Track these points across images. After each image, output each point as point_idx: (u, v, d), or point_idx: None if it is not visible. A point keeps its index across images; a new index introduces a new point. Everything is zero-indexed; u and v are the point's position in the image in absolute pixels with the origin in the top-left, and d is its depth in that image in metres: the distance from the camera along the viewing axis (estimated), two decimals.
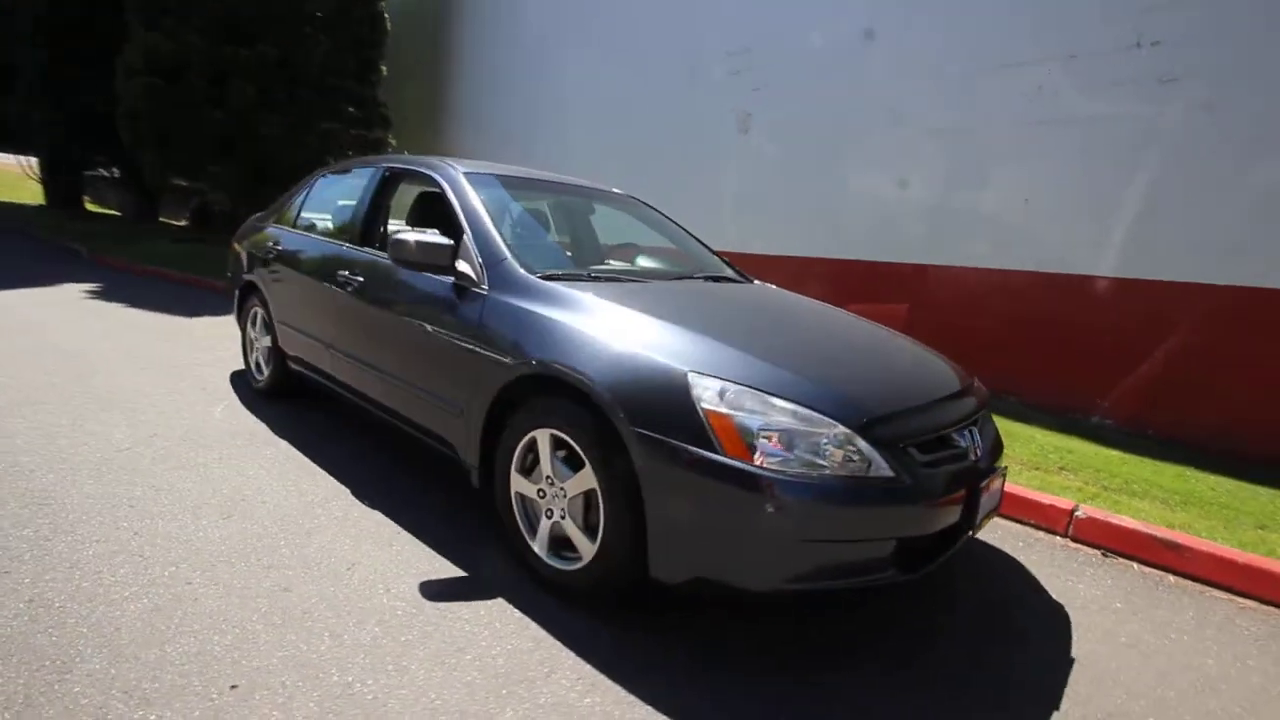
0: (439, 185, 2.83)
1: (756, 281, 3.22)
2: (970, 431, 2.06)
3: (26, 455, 2.76)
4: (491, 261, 2.40)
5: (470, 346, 2.29)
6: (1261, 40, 3.57)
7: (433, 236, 2.42)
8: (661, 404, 1.78)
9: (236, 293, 4.06)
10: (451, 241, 2.43)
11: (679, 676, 1.76)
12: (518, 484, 2.18)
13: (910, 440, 1.83)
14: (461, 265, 2.44)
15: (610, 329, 2.03)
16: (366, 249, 3.00)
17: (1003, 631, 2.13)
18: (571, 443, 1.96)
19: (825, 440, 1.70)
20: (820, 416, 1.73)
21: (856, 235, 5.58)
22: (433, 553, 2.29)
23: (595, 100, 8.61)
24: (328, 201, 3.61)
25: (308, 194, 3.75)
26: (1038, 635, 2.14)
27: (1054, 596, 2.38)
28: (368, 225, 3.12)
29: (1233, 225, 3.73)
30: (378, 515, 2.53)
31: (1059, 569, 2.61)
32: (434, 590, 2.06)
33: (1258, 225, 3.65)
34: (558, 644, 1.85)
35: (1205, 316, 3.87)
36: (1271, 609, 2.42)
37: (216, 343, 5.26)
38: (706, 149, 7.01)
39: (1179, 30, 3.83)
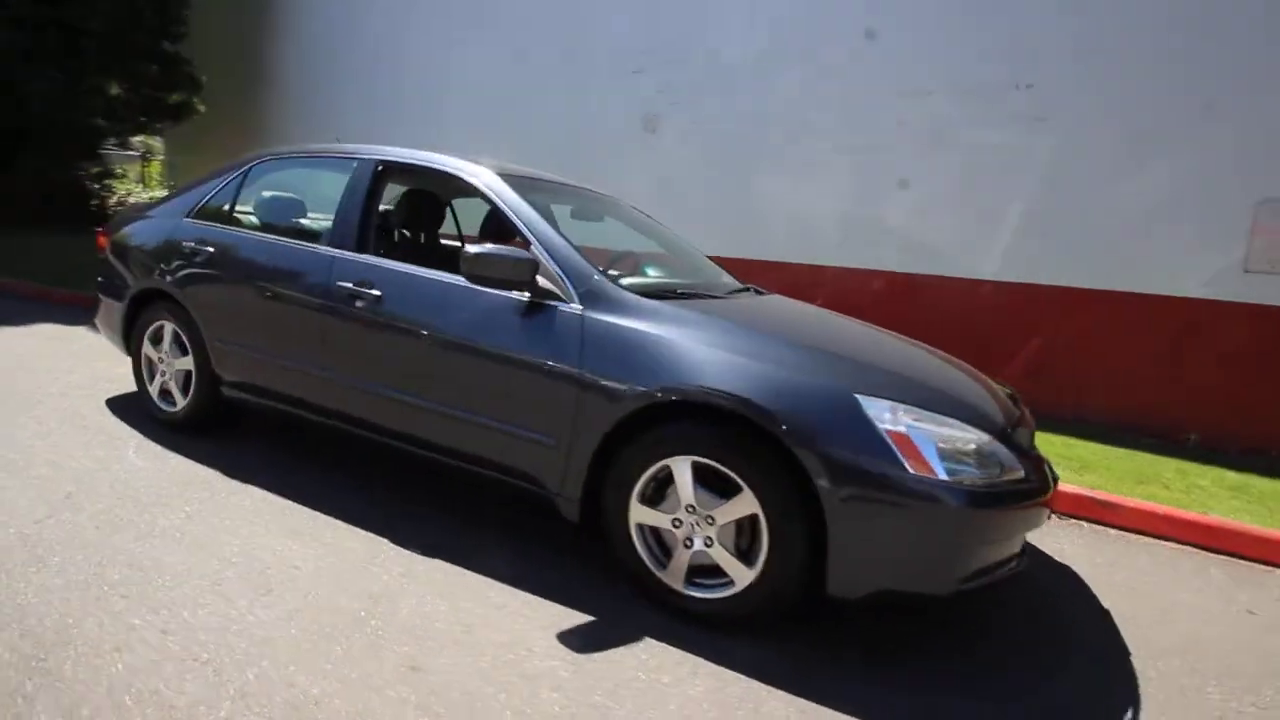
0: (475, 187, 2.54)
1: (770, 294, 3.31)
2: None
3: None
4: (579, 276, 2.22)
5: (569, 371, 2.11)
6: (1115, 88, 4.48)
7: (515, 251, 2.18)
8: (838, 426, 1.82)
9: (123, 304, 3.25)
10: (534, 255, 2.21)
11: (858, 683, 1.82)
12: (640, 515, 2.07)
13: (1018, 444, 2.07)
14: (542, 281, 2.22)
15: (745, 350, 2.00)
16: (379, 259, 2.59)
17: (1040, 595, 2.49)
18: (725, 469, 1.92)
19: (983, 450, 1.87)
20: (974, 429, 1.89)
21: (774, 237, 5.95)
22: (539, 599, 2.09)
23: (472, 85, 8.10)
24: (282, 197, 3.02)
25: (240, 185, 3.10)
26: (1067, 593, 2.54)
27: (1057, 559, 2.84)
28: (363, 229, 2.68)
29: (1087, 238, 4.66)
30: (444, 564, 2.23)
31: (1038, 535, 3.11)
32: (578, 642, 1.89)
33: (1107, 238, 4.59)
34: (742, 676, 1.81)
35: (1063, 312, 4.78)
36: (1188, 547, 3.09)
37: (54, 361, 4.16)
38: (607, 146, 6.97)
39: (1048, 77, 4.65)
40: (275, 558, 2.18)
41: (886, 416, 1.82)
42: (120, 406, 3.49)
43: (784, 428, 1.82)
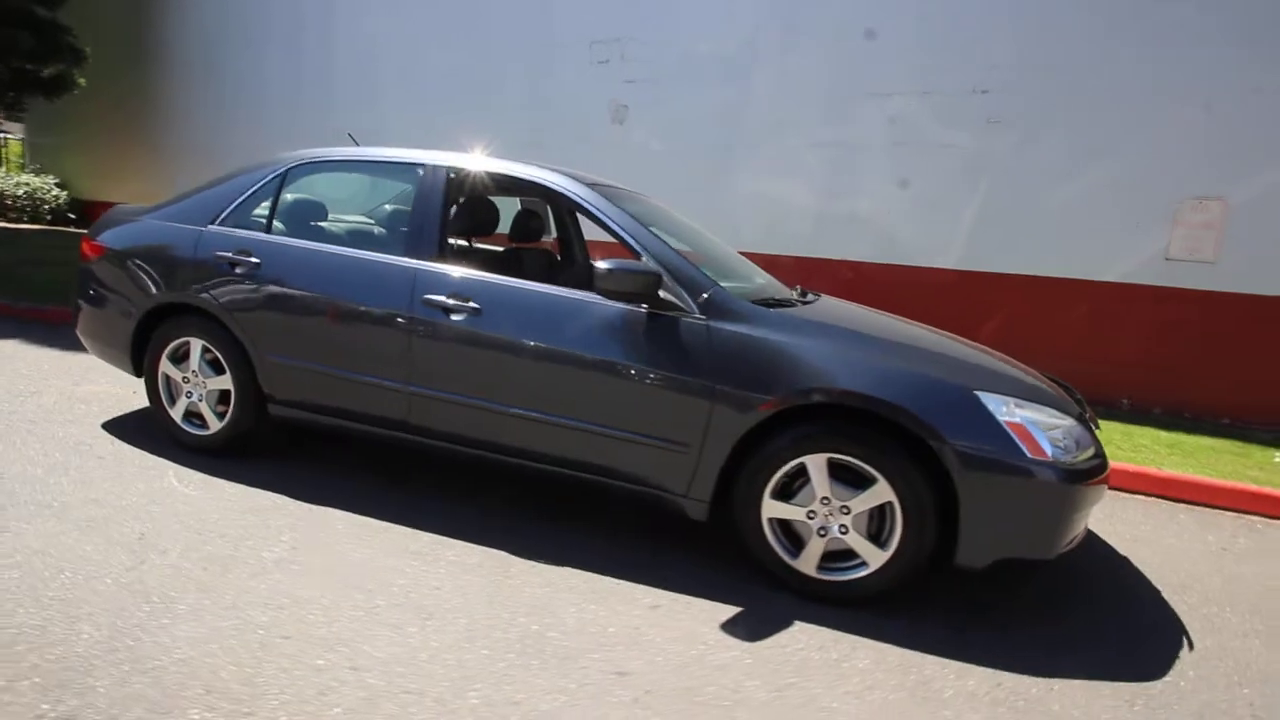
0: (567, 197, 2.56)
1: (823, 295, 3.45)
2: None
3: (22, 629, 1.80)
4: (698, 288, 2.32)
5: (702, 380, 2.22)
6: (1059, 96, 5.05)
7: (644, 265, 2.24)
8: (966, 420, 2.06)
9: (132, 320, 2.96)
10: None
11: (998, 640, 2.09)
12: (772, 510, 2.23)
13: (1089, 426, 2.41)
14: (661, 293, 2.30)
15: (865, 353, 2.21)
16: (470, 270, 2.54)
17: (1098, 557, 2.88)
18: (859, 463, 2.12)
19: (1071, 433, 2.18)
20: (1062, 415, 2.20)
21: (745, 230, 6.21)
22: (684, 596, 2.20)
23: (416, 63, 7.75)
24: (332, 204, 2.86)
25: (279, 190, 2.89)
26: (1089, 542, 2.98)
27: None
28: (442, 239, 2.62)
29: (1035, 230, 5.26)
30: (577, 571, 2.29)
31: None
32: (743, 632, 2.03)
33: (1052, 230, 5.20)
34: (893, 646, 2.02)
35: (1013, 295, 5.38)
36: (1153, 498, 3.63)
37: (7, 383, 3.68)
38: (573, 135, 6.94)
39: (1003, 84, 5.17)
40: (410, 581, 2.15)
41: (1004, 409, 2.08)
42: (123, 430, 3.18)
43: (923, 425, 2.04)
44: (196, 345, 2.89)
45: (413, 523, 2.53)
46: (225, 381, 2.87)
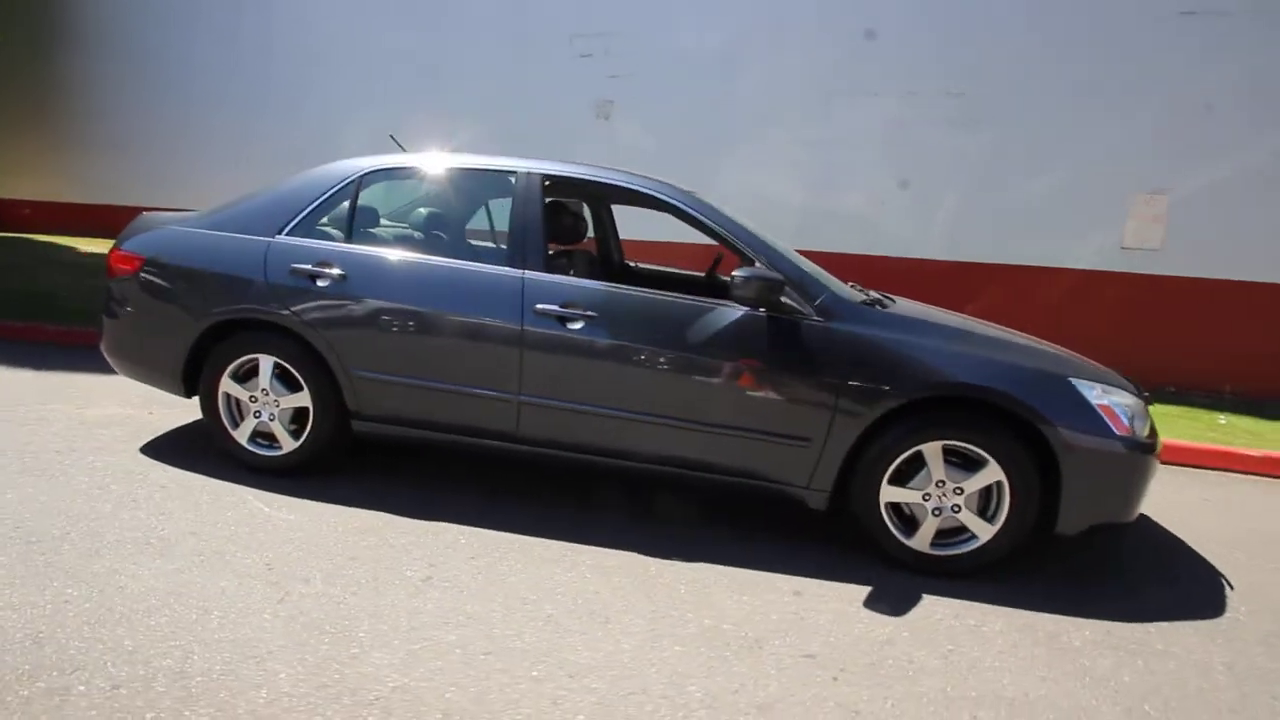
0: (674, 207, 2.64)
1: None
2: None
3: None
4: (813, 292, 2.46)
5: (826, 379, 2.37)
6: (1028, 98, 5.54)
7: (771, 272, 2.36)
8: (1065, 405, 2.32)
9: (187, 338, 2.77)
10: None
11: (1084, 595, 2.37)
12: (890, 495, 2.42)
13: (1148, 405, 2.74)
14: (784, 298, 2.43)
15: (973, 348, 2.45)
16: (579, 279, 2.56)
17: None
18: (971, 448, 2.34)
19: (1139, 411, 2.49)
20: (1131, 395, 2.51)
21: None
22: (816, 580, 2.36)
23: (374, 51, 7.43)
24: (410, 212, 2.78)
25: (355, 198, 2.77)
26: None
27: None
28: (544, 247, 2.62)
29: (1006, 223, 5.75)
30: (717, 566, 2.40)
31: None
32: (887, 608, 2.22)
33: (1021, 223, 5.71)
34: (1025, 611, 2.25)
35: (988, 282, 5.86)
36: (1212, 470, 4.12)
37: (7, 412, 3.33)
38: (556, 131, 6.89)
39: (977, 89, 5.59)
40: (565, 587, 2.19)
41: (1094, 394, 2.36)
42: (166, 455, 2.98)
43: (1034, 411, 2.28)
44: (267, 362, 2.74)
45: (532, 531, 2.55)
46: (301, 399, 2.75)
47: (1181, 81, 5.11)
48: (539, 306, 2.52)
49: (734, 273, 2.36)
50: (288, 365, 2.73)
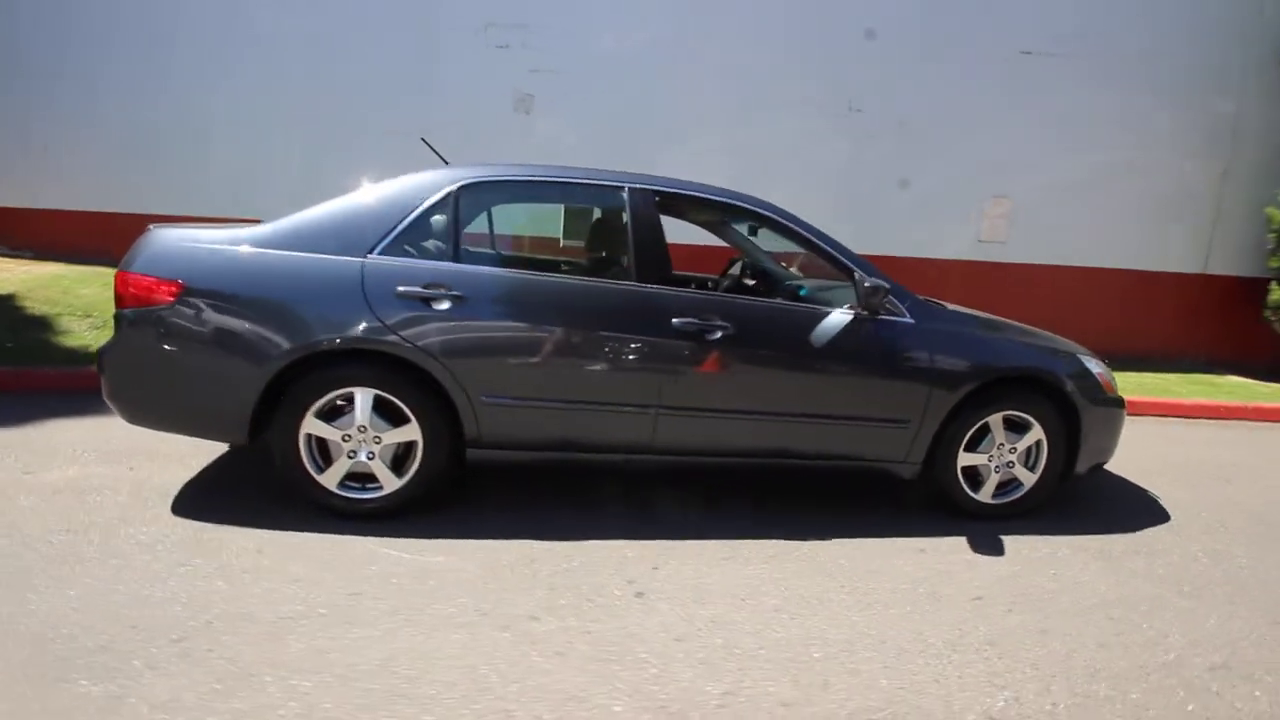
0: (776, 221, 2.88)
1: None
2: None
3: None
4: (904, 295, 2.87)
5: (924, 367, 2.80)
6: (910, 113, 6.51)
7: (883, 280, 2.70)
8: (1082, 377, 3.00)
9: (260, 374, 2.40)
10: None
11: (1098, 519, 3.10)
12: (965, 460, 2.94)
13: None
14: (889, 302, 2.79)
15: (1019, 337, 3.05)
16: (710, 293, 2.67)
17: None
18: (1024, 414, 2.93)
19: (1110, 375, 3.28)
20: (1103, 364, 3.30)
21: None
22: (923, 539, 2.79)
23: (240, 23, 6.49)
24: (512, 226, 2.63)
25: (455, 212, 2.57)
26: None
27: None
28: (668, 261, 2.70)
29: (891, 221, 6.74)
30: (847, 541, 2.72)
31: None
32: (991, 551, 2.72)
33: (903, 220, 6.74)
34: (1071, 537, 2.89)
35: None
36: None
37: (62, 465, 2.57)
38: (471, 125, 6.61)
39: (874, 104, 6.46)
40: (770, 582, 2.37)
41: (1094, 366, 3.09)
42: (209, 512, 2.55)
43: (1068, 384, 2.93)
44: (365, 395, 2.47)
45: (678, 535, 2.65)
46: (407, 433, 2.53)
47: (1023, 106, 6.46)
48: (676, 321, 2.61)
49: (864, 283, 2.68)
50: (391, 397, 2.49)
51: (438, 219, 2.59)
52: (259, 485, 2.86)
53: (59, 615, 1.90)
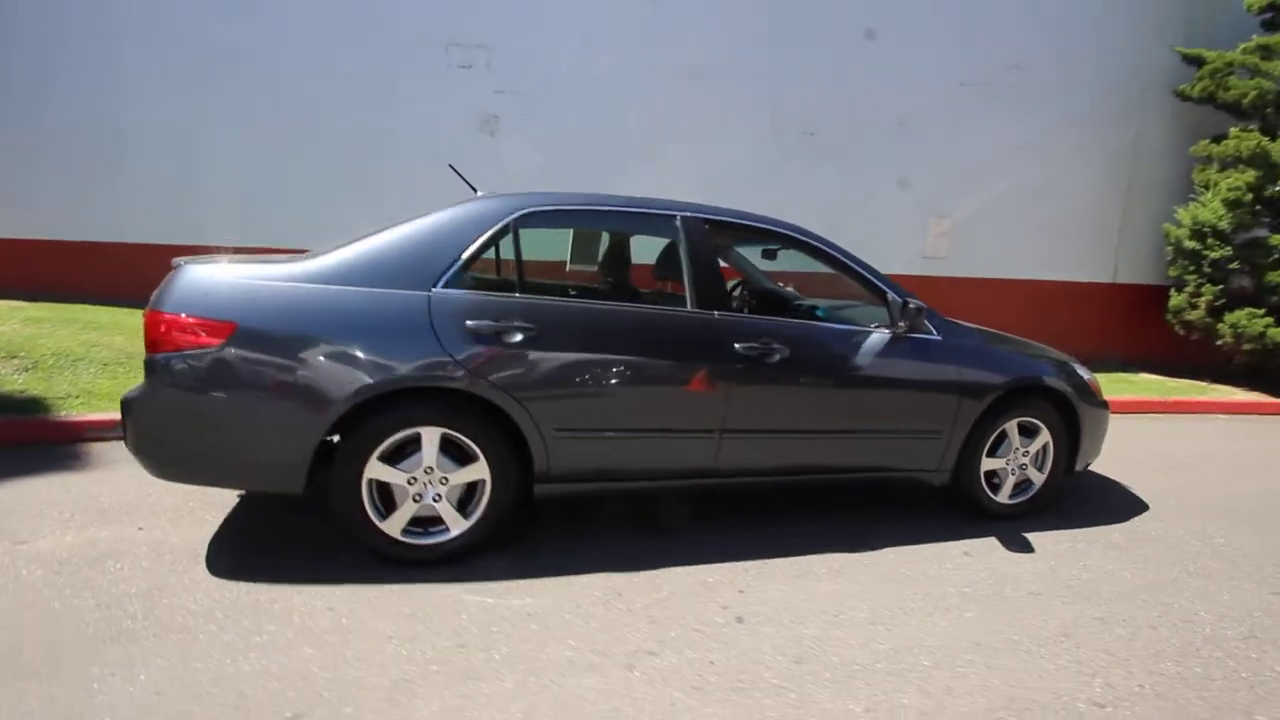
0: (814, 247, 3.00)
1: None
2: None
3: None
4: (934, 316, 3.06)
5: (954, 381, 3.00)
6: (863, 144, 6.91)
7: (919, 301, 2.87)
8: (1076, 383, 3.31)
9: (322, 419, 2.24)
10: None
11: (1088, 508, 3.41)
12: (987, 465, 3.16)
13: None
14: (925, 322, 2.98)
15: (1024, 350, 3.30)
16: (762, 317, 2.75)
17: None
18: (1034, 421, 3.19)
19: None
20: (1089, 371, 3.64)
21: None
22: (962, 541, 2.98)
23: (165, 40, 6.07)
24: (585, 256, 2.60)
25: (516, 242, 2.50)
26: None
27: None
28: (724, 288, 2.75)
29: (845, 240, 7.12)
30: (892, 551, 2.86)
31: None
32: (1024, 550, 2.93)
33: (856, 239, 7.12)
34: (1073, 530, 3.17)
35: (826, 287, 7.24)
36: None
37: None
38: (433, 146, 6.45)
39: (827, 129, 6.81)
40: (850, 594, 2.45)
41: (1084, 373, 3.41)
42: (256, 572, 2.33)
43: (1069, 391, 3.22)
44: (432, 435, 2.36)
45: (748, 556, 2.69)
46: (475, 471, 2.43)
47: (961, 133, 7.04)
48: (738, 346, 2.67)
49: (909, 304, 2.85)
50: (460, 435, 2.39)
51: (498, 249, 2.53)
52: (289, 537, 2.66)
53: (143, 703, 1.69)
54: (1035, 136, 7.22)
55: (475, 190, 3.21)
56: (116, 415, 3.80)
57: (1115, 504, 3.65)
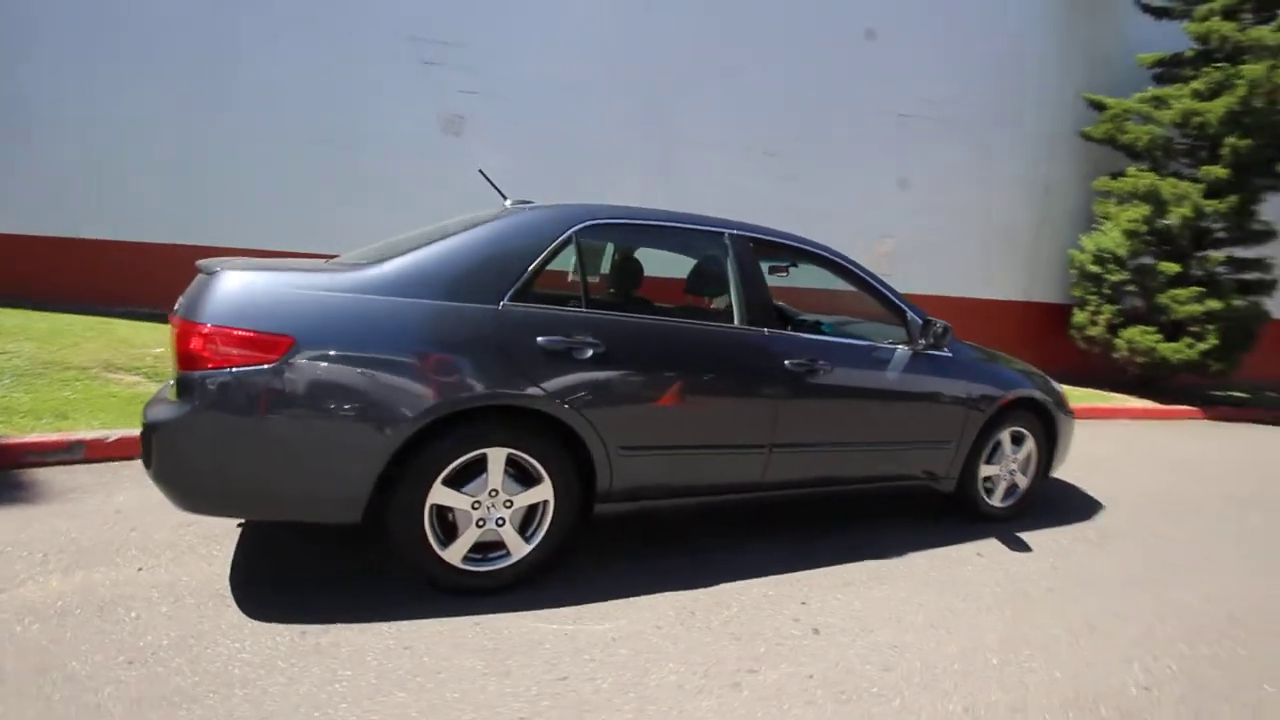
0: (844, 267, 3.12)
1: None
2: None
3: None
4: (945, 333, 3.25)
5: (963, 394, 3.21)
6: (819, 167, 7.23)
7: (941, 320, 3.06)
8: (1055, 395, 3.64)
9: (389, 441, 2.08)
10: None
11: (1065, 508, 3.75)
12: (986, 471, 3.41)
13: None
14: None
15: (1012, 365, 3.59)
16: (808, 334, 2.82)
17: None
18: (1024, 430, 3.48)
19: None
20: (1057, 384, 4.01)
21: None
22: (971, 543, 3.19)
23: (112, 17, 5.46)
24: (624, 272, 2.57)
25: (579, 256, 2.43)
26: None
27: None
28: (767, 303, 2.81)
29: None
30: (920, 555, 3.02)
31: None
32: (1028, 548, 3.18)
33: None
34: (1059, 528, 3.48)
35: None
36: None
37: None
38: (393, 145, 6.17)
39: (791, 150, 7.08)
40: (910, 602, 2.55)
41: (1057, 385, 3.76)
42: (301, 613, 2.13)
43: (1050, 403, 3.54)
44: (499, 455, 2.25)
45: (794, 567, 2.75)
46: (539, 492, 2.34)
47: (903, 162, 7.55)
48: (788, 362, 2.73)
49: (934, 323, 3.03)
50: (525, 455, 2.29)
51: (561, 262, 2.46)
52: (316, 571, 2.43)
53: None
54: (965, 166, 7.90)
55: (505, 197, 3.11)
56: (54, 436, 3.38)
57: (1077, 503, 4.04)
